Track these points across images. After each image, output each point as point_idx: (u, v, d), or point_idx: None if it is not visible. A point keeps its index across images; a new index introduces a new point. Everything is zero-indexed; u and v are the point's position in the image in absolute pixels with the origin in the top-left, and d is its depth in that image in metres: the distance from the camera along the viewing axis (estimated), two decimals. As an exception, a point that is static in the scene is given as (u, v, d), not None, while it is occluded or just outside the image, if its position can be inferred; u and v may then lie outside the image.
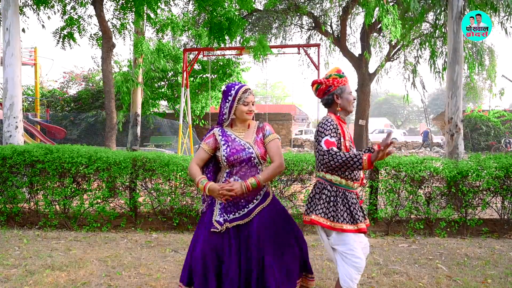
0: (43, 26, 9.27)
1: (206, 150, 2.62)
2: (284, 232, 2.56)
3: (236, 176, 2.56)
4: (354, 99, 2.61)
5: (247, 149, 2.56)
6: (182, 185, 5.11)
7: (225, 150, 2.56)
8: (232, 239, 2.49)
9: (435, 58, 9.62)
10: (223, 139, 2.61)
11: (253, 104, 2.63)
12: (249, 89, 2.62)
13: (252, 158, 2.56)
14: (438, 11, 8.15)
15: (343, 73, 2.60)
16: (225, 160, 2.55)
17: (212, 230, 2.52)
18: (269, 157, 2.63)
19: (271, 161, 2.61)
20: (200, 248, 2.48)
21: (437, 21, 8.91)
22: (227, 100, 2.59)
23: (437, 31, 9.16)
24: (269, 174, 2.54)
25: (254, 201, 2.56)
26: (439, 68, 11.46)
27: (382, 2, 8.99)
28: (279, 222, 2.57)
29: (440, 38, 11.39)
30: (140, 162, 5.12)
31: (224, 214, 2.55)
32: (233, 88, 2.60)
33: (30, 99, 20.51)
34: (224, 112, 2.61)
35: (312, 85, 2.63)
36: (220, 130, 2.66)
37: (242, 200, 2.55)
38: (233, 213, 2.54)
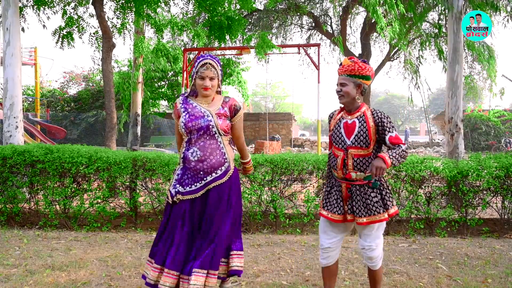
0: (44, 26, 9.27)
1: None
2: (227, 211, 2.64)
3: (195, 146, 2.55)
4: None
5: (206, 117, 2.55)
6: (182, 185, 5.10)
7: (184, 117, 2.56)
8: (186, 213, 2.57)
9: (443, 57, 9.57)
10: (183, 106, 2.62)
11: (211, 80, 2.55)
12: (209, 63, 2.54)
13: (211, 127, 2.54)
14: (441, 11, 8.14)
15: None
16: (183, 127, 2.54)
17: (167, 200, 2.64)
18: (233, 134, 2.70)
19: (235, 139, 2.72)
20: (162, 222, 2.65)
21: (440, 21, 8.89)
22: (192, 71, 2.62)
23: (441, 30, 9.11)
24: (245, 152, 2.83)
25: (213, 174, 2.56)
26: (446, 66, 11.42)
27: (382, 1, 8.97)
28: (227, 201, 2.64)
29: (441, 38, 11.37)
30: (140, 162, 5.12)
31: (178, 185, 2.59)
32: (198, 60, 2.59)
33: (30, 99, 20.51)
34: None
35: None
36: (182, 99, 2.66)
37: (201, 172, 2.55)
38: (189, 186, 2.57)
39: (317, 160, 5.00)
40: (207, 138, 2.55)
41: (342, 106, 2.69)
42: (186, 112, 2.57)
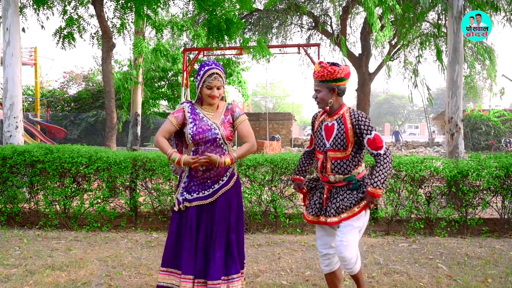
0: (42, 27, 9.25)
1: (174, 124, 2.66)
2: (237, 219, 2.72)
3: (202, 156, 2.60)
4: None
5: (213, 130, 2.61)
6: (182, 185, 5.10)
7: (192, 129, 2.60)
8: (193, 218, 2.58)
9: (442, 57, 9.59)
10: (191, 116, 2.65)
11: (218, 88, 2.61)
12: (216, 73, 2.58)
13: (217, 139, 2.61)
14: (441, 10, 8.12)
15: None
16: (191, 138, 2.60)
17: (173, 208, 2.64)
18: (241, 138, 2.71)
19: (243, 141, 2.69)
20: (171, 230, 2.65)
21: (440, 21, 8.88)
22: (197, 79, 2.64)
23: (441, 30, 9.10)
24: (242, 153, 2.64)
25: (220, 181, 2.63)
26: (445, 66, 11.42)
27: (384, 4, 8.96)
28: (237, 207, 2.71)
29: (440, 38, 11.36)
30: (140, 162, 5.12)
31: (185, 193, 2.61)
32: (203, 68, 2.61)
33: (30, 99, 20.49)
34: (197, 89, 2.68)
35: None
36: (190, 107, 2.69)
37: (208, 181, 2.62)
38: (196, 192, 2.61)
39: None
40: (213, 148, 2.62)
41: None
42: (193, 124, 2.62)
